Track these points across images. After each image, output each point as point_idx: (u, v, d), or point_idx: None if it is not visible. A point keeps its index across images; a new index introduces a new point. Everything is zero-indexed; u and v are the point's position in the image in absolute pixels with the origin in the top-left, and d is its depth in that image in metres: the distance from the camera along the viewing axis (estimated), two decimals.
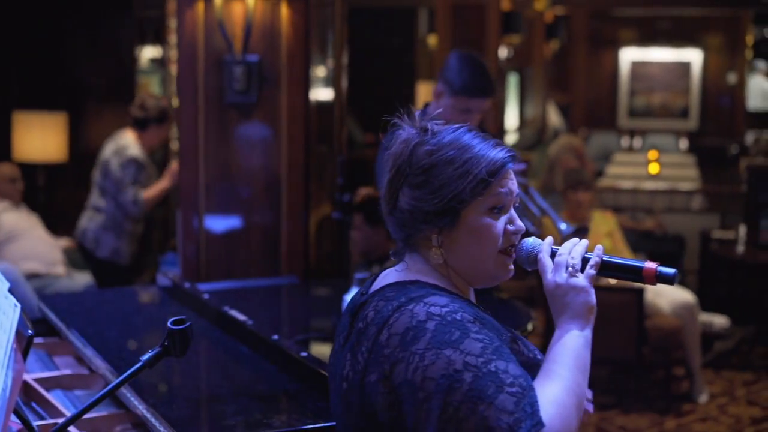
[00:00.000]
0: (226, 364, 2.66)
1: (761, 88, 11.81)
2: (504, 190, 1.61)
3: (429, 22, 9.12)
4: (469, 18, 7.03)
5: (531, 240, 1.65)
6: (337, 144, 4.31)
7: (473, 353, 1.45)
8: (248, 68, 3.85)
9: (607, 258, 1.60)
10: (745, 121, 11.62)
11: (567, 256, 1.59)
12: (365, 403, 1.55)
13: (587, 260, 1.60)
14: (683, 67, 11.92)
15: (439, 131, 1.63)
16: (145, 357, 1.73)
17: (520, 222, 1.65)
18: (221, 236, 3.96)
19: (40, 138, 6.38)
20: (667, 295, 5.35)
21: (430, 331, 1.49)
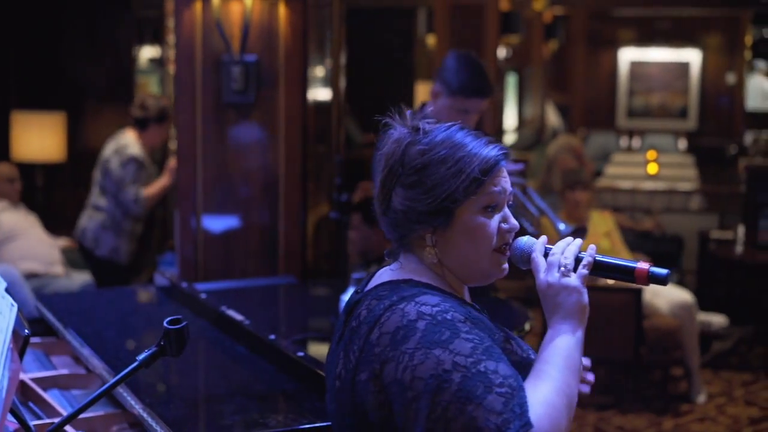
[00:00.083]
0: (223, 364, 2.66)
1: (760, 88, 11.82)
2: (497, 188, 1.60)
3: (428, 22, 9.12)
4: (468, 18, 7.03)
5: (525, 239, 1.64)
6: (335, 144, 4.31)
7: (463, 353, 1.45)
8: (246, 68, 3.85)
9: (600, 258, 1.59)
10: (744, 122, 11.62)
11: (559, 256, 1.59)
12: (356, 402, 1.55)
13: (580, 260, 1.59)
14: (682, 68, 11.92)
15: (431, 130, 1.62)
16: (141, 357, 1.73)
17: (514, 220, 1.64)
18: (219, 236, 3.96)
19: (38, 138, 6.38)
20: (665, 295, 5.35)
21: (421, 330, 1.48)
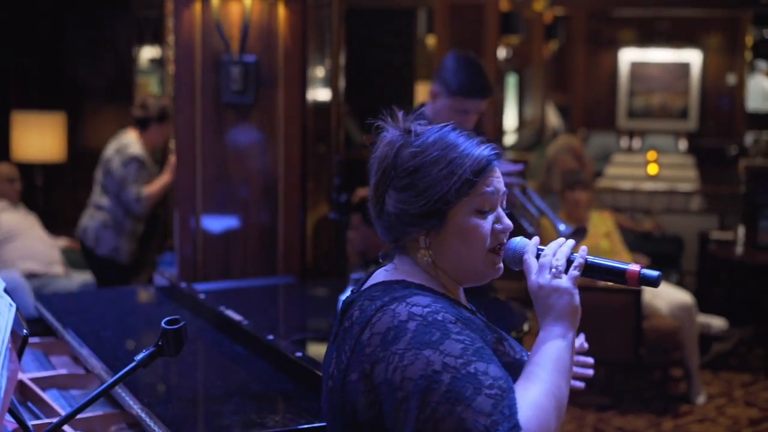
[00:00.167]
0: (222, 364, 2.66)
1: (761, 89, 11.81)
2: (490, 189, 1.59)
3: (428, 23, 9.12)
4: (468, 18, 7.03)
5: (517, 240, 1.63)
6: (334, 144, 4.31)
7: (453, 354, 1.45)
8: (245, 68, 3.85)
9: (591, 259, 1.58)
10: (745, 122, 11.62)
11: (551, 257, 1.58)
12: (347, 402, 1.55)
13: (572, 261, 1.58)
14: (682, 68, 11.93)
15: (423, 132, 1.62)
16: (139, 357, 1.74)
17: (508, 220, 1.63)
18: (218, 236, 3.96)
19: (38, 138, 6.38)
20: (665, 296, 5.35)
21: (411, 331, 1.48)
